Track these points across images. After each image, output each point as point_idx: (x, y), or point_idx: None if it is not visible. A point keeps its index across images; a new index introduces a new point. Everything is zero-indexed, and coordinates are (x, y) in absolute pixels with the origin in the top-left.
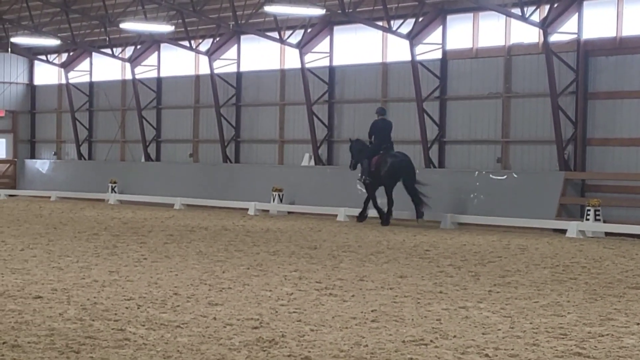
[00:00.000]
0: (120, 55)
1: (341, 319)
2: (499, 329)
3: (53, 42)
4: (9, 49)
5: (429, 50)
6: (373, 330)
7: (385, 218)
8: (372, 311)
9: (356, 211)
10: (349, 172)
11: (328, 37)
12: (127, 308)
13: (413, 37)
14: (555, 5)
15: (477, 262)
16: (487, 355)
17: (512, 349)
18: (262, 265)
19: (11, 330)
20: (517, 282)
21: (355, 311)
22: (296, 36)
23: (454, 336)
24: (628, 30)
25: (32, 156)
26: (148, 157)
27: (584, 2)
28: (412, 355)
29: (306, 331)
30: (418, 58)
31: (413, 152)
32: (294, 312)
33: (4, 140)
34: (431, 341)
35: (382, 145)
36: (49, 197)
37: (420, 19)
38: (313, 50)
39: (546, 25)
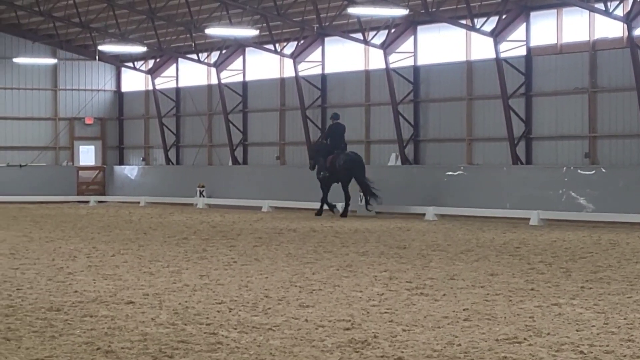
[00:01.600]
0: (206, 61)
1: (433, 318)
2: (593, 325)
3: (139, 49)
4: (97, 57)
5: (513, 47)
6: (466, 329)
7: (344, 211)
8: (464, 310)
9: (444, 210)
10: (437, 171)
11: (412, 37)
12: (218, 312)
13: (497, 35)
14: None
15: (568, 258)
16: (582, 352)
17: (607, 346)
18: (351, 266)
19: (104, 336)
20: (610, 278)
21: (447, 310)
22: (380, 37)
23: (548, 333)
24: None
25: (121, 162)
26: (235, 161)
27: None
28: (506, 353)
29: (398, 331)
30: (502, 55)
31: (499, 149)
32: (386, 312)
33: (93, 147)
34: (525, 339)
35: (337, 146)
36: (138, 203)
37: (504, 16)
38: (397, 51)
39: (630, 19)
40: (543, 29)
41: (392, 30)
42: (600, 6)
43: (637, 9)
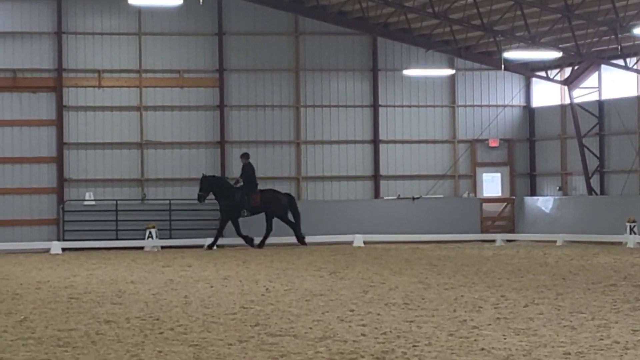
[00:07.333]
0: (635, 67)
1: None
2: None
3: (553, 55)
4: (502, 66)
5: None
6: None
7: (262, 241)
8: None
9: None
10: None
11: None
12: None
13: None
14: None
15: None
16: None
17: None
18: None
19: None
20: None
21: None
22: None
23: None
24: None
25: (533, 192)
26: None
27: None
28: None
29: None
30: None
31: None
32: None
33: (498, 174)
34: None
35: (253, 185)
36: (554, 242)
37: None
38: None
39: None
40: None
41: None
42: None
43: None
